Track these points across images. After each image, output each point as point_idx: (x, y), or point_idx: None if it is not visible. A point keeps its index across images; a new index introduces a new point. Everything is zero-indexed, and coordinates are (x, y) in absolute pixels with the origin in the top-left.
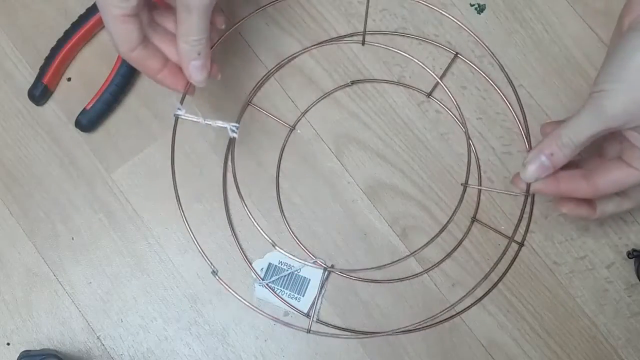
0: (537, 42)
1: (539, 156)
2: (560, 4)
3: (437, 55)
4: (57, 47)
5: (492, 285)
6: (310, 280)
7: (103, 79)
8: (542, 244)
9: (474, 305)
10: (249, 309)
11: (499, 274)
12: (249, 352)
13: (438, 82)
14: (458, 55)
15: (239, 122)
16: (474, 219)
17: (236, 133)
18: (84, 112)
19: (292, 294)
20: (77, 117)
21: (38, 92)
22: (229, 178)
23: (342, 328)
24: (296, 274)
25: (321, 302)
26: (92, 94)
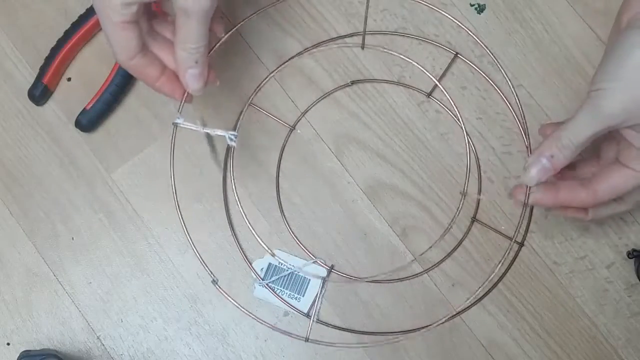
0: (537, 42)
1: (539, 159)
2: (560, 4)
3: (437, 55)
4: (57, 47)
5: (492, 285)
6: (310, 280)
7: (103, 79)
8: (542, 244)
9: (474, 305)
10: (248, 309)
11: (499, 274)
12: (249, 352)
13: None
14: (458, 55)
15: (239, 122)
16: (474, 219)
17: (234, 141)
18: (84, 112)
19: (292, 294)
20: (77, 117)
21: (38, 92)
22: (228, 178)
23: (342, 328)
24: (296, 274)
25: (321, 302)
26: (92, 94)
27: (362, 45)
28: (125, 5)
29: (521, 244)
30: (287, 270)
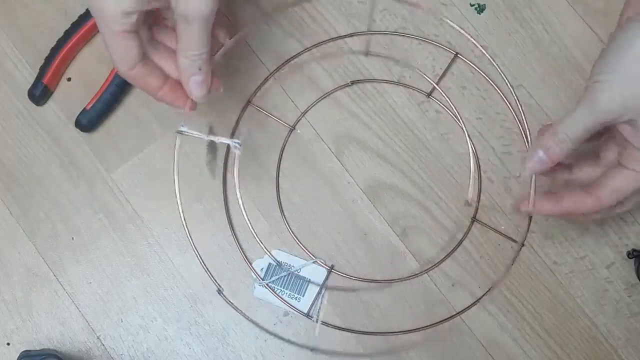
0: (537, 42)
1: (536, 152)
2: (560, 4)
3: (437, 55)
4: (57, 47)
5: (492, 285)
6: (310, 280)
7: (103, 79)
8: (542, 244)
9: (474, 305)
10: (248, 310)
11: (499, 274)
12: (249, 352)
13: (436, 83)
14: (458, 55)
15: (239, 122)
16: (474, 219)
17: (239, 149)
18: (84, 112)
19: (292, 294)
20: (77, 117)
21: (38, 92)
22: (229, 178)
23: (342, 328)
24: (296, 274)
25: (321, 302)
26: (92, 94)
27: (366, 52)
28: (125, 15)
29: (521, 244)
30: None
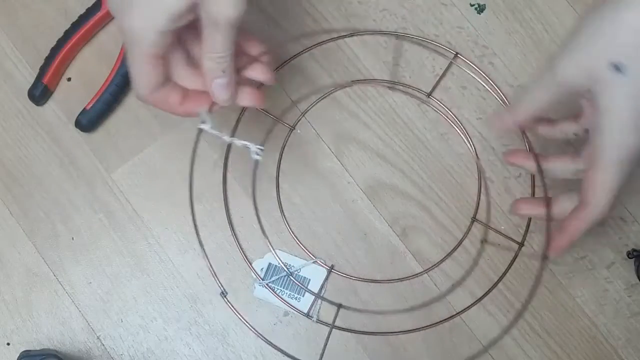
0: (537, 42)
1: (501, 113)
2: (560, 4)
3: (437, 55)
4: (57, 47)
5: (492, 285)
6: (310, 280)
7: (103, 79)
8: (542, 244)
9: (474, 305)
10: (248, 309)
11: (499, 274)
12: (249, 352)
13: (436, 83)
14: (458, 55)
15: (239, 122)
16: (474, 219)
17: (260, 156)
18: (84, 112)
19: (292, 294)
20: (77, 117)
21: (38, 92)
22: (229, 178)
23: (342, 328)
24: (296, 274)
25: (321, 302)
26: (92, 94)
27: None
28: (160, 34)
29: (521, 244)
30: (287, 270)
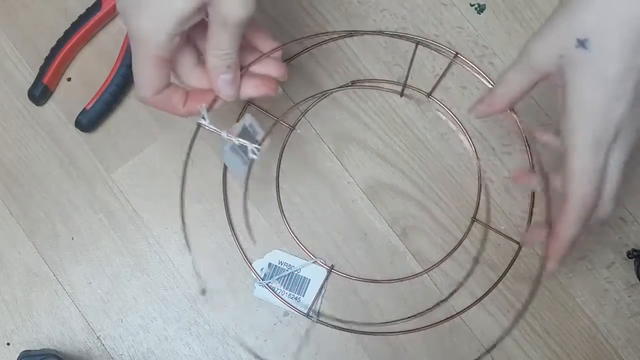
0: None
1: (479, 100)
2: None
3: (437, 55)
4: (57, 47)
5: (492, 285)
6: (310, 280)
7: (103, 79)
8: (542, 244)
9: (474, 305)
10: (248, 309)
11: (499, 274)
12: (249, 352)
13: (436, 83)
14: (458, 55)
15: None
16: (474, 219)
17: (257, 155)
18: (84, 112)
19: (292, 294)
20: (77, 117)
21: (38, 92)
22: (229, 178)
23: (342, 328)
24: (296, 274)
25: (321, 302)
26: (92, 94)
27: (401, 93)
28: (171, 37)
29: (521, 244)
30: (287, 270)
